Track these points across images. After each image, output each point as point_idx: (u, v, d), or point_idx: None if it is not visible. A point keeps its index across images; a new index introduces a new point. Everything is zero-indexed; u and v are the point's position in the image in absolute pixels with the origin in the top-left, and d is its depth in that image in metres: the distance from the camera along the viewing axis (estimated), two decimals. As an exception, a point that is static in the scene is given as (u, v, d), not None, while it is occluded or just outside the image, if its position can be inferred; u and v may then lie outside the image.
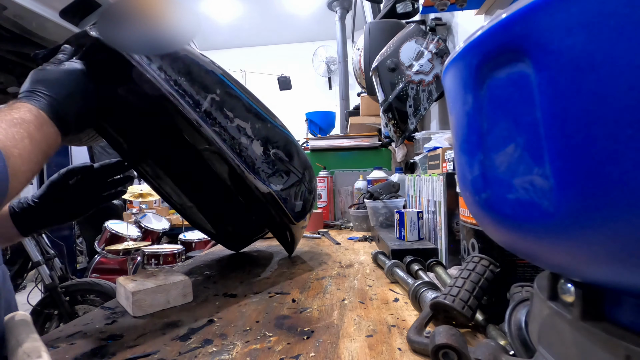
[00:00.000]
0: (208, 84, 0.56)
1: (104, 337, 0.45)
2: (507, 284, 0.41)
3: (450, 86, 0.27)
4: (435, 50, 1.13)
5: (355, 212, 1.28)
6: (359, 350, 0.40)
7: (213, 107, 0.57)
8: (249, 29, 5.31)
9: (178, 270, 0.73)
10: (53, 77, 0.44)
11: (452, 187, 0.69)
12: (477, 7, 0.90)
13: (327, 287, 0.63)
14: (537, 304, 0.26)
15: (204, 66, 0.56)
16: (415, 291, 0.50)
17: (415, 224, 0.82)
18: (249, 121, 0.62)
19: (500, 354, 0.31)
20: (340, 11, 3.96)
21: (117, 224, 2.92)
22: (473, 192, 0.25)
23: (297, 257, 0.89)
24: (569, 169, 0.17)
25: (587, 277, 0.21)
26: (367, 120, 1.86)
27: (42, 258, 1.85)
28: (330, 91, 5.52)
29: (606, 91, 0.15)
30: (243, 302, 0.56)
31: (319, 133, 3.23)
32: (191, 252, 2.80)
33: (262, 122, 0.64)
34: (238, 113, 0.60)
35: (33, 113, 0.40)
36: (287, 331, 0.45)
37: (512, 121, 0.20)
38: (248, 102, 0.62)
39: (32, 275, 2.01)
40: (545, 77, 0.17)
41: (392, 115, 1.17)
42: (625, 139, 0.15)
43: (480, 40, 0.21)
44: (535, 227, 0.20)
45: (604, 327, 0.20)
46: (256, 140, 0.63)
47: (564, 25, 0.16)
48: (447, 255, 0.70)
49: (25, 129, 0.38)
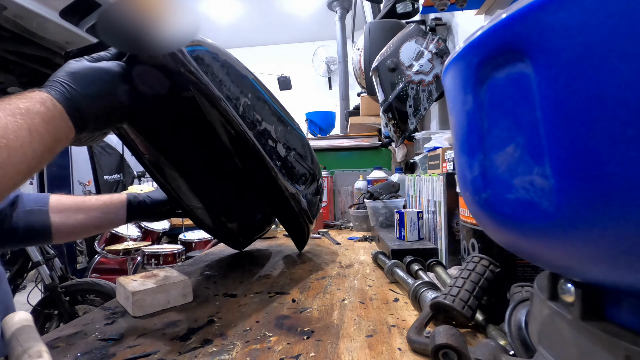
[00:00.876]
0: (242, 88, 0.57)
1: (104, 337, 0.45)
2: (507, 284, 0.41)
3: (450, 86, 0.27)
4: (435, 50, 1.13)
5: (355, 212, 1.28)
6: (359, 350, 0.40)
7: (246, 111, 0.57)
8: (249, 29, 5.31)
9: (178, 270, 0.73)
10: (84, 72, 0.43)
11: (452, 187, 0.69)
12: (477, 7, 0.90)
13: (327, 287, 0.63)
14: (537, 304, 0.26)
15: (240, 71, 0.57)
16: (415, 291, 0.50)
17: (415, 224, 0.82)
18: (273, 124, 0.63)
19: (500, 354, 0.31)
20: (340, 11, 3.96)
21: (117, 224, 2.91)
22: (473, 192, 0.25)
23: (297, 257, 0.89)
24: (569, 169, 0.17)
25: (587, 277, 0.21)
26: (367, 120, 1.86)
27: (42, 258, 1.85)
28: (330, 91, 5.52)
29: (606, 91, 0.15)
30: (243, 302, 0.56)
31: (319, 133, 3.23)
32: (191, 252, 2.79)
33: (284, 125, 0.65)
34: (265, 116, 0.61)
35: (46, 104, 0.38)
36: (287, 331, 0.45)
37: (512, 121, 0.20)
38: (273, 106, 0.63)
39: (32, 275, 2.01)
40: (545, 77, 0.17)
41: (392, 115, 1.17)
42: (625, 138, 0.15)
43: (480, 40, 0.21)
44: (535, 227, 0.20)
45: (604, 327, 0.20)
46: (279, 143, 0.64)
47: (563, 25, 0.16)
48: (447, 255, 0.70)
49: (26, 120, 0.36)
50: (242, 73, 0.57)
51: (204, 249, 2.88)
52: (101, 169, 4.23)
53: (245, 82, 0.58)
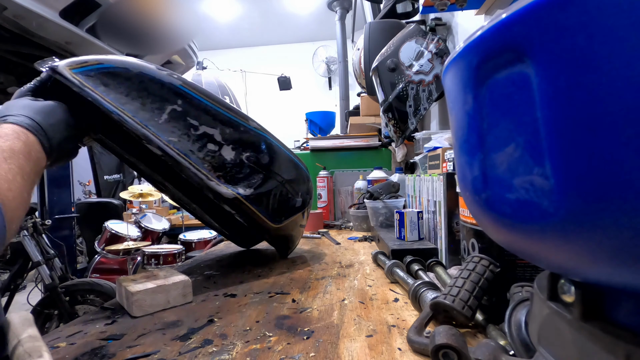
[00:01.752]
0: (167, 96, 0.59)
1: (104, 337, 0.45)
2: (507, 284, 0.41)
3: (450, 86, 0.27)
4: (435, 50, 1.13)
5: (355, 212, 1.28)
6: (359, 350, 0.40)
7: (174, 118, 0.59)
8: (249, 29, 5.31)
9: (178, 270, 0.73)
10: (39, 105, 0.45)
11: (452, 187, 0.69)
12: (477, 7, 0.90)
13: (327, 287, 0.63)
14: (537, 304, 0.26)
15: (161, 79, 0.58)
16: (415, 291, 0.50)
17: (415, 224, 0.82)
18: (217, 127, 0.63)
19: (500, 354, 0.31)
20: (340, 11, 3.96)
21: (117, 224, 2.92)
22: (473, 192, 0.25)
23: (297, 257, 0.89)
24: (569, 169, 0.17)
25: (587, 277, 0.21)
26: (367, 120, 1.86)
27: (42, 258, 1.85)
28: (330, 91, 5.52)
29: (606, 91, 0.15)
30: (243, 302, 0.56)
31: (319, 133, 3.23)
32: (191, 252, 2.80)
33: (233, 126, 0.64)
34: (204, 120, 0.61)
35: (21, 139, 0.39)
36: (287, 331, 0.45)
37: (512, 121, 0.20)
38: (215, 109, 0.63)
39: (32, 275, 2.01)
40: (545, 77, 0.17)
41: (392, 115, 1.17)
42: (625, 138, 0.15)
43: (481, 40, 0.21)
44: (535, 227, 0.20)
45: (604, 327, 0.20)
46: (227, 145, 0.63)
47: (563, 25, 0.16)
48: (447, 255, 0.70)
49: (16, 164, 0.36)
50: (163, 81, 0.58)
51: (204, 249, 2.88)
52: (101, 169, 4.24)
53: (170, 90, 0.59)
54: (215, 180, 0.61)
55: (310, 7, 4.76)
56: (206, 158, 0.61)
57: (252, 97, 5.48)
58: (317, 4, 4.65)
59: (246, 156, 0.65)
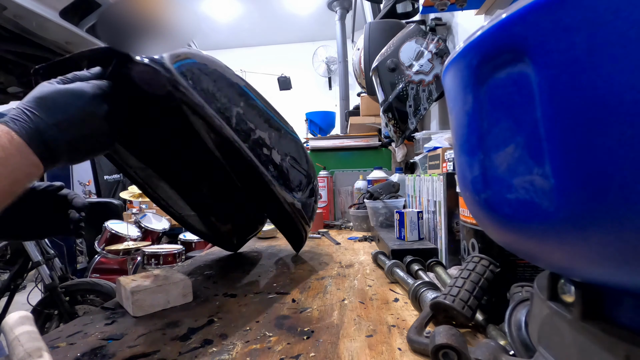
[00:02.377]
0: (233, 98, 0.55)
1: (104, 337, 0.45)
2: (507, 284, 0.41)
3: (450, 86, 0.27)
4: (435, 50, 1.13)
5: (355, 212, 1.28)
6: (359, 350, 0.40)
7: (239, 122, 0.55)
8: (249, 29, 5.31)
9: (178, 270, 0.73)
10: (52, 96, 0.37)
11: (452, 187, 0.69)
12: (477, 7, 0.90)
13: (327, 287, 0.63)
14: (537, 304, 0.26)
15: (230, 79, 0.55)
16: (415, 291, 0.50)
17: (415, 224, 0.82)
18: (267, 131, 0.61)
19: (500, 354, 0.31)
20: (340, 11, 3.96)
21: (117, 224, 2.92)
22: (473, 192, 0.25)
23: (297, 257, 0.89)
24: (569, 169, 0.17)
25: (587, 277, 0.21)
26: (367, 120, 1.87)
27: (42, 258, 1.85)
28: (330, 91, 5.52)
29: (606, 91, 0.15)
30: (243, 302, 0.56)
31: (319, 133, 3.23)
32: (191, 252, 2.79)
33: (278, 130, 0.63)
34: (258, 124, 0.59)
35: (0, 142, 0.33)
36: (287, 331, 0.45)
37: (512, 121, 0.20)
38: (267, 112, 0.61)
39: (32, 275, 2.01)
40: (545, 77, 0.17)
41: (392, 115, 1.17)
42: (625, 138, 0.15)
43: (481, 40, 0.21)
44: (535, 227, 0.20)
45: (604, 327, 0.20)
46: (274, 150, 0.62)
47: (563, 25, 0.16)
48: (447, 255, 0.70)
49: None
50: (232, 81, 0.55)
51: (204, 249, 2.88)
52: (101, 169, 4.24)
53: (236, 91, 0.56)
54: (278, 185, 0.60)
55: (310, 7, 4.76)
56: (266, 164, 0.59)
57: (252, 97, 5.46)
58: (317, 4, 4.65)
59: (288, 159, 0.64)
